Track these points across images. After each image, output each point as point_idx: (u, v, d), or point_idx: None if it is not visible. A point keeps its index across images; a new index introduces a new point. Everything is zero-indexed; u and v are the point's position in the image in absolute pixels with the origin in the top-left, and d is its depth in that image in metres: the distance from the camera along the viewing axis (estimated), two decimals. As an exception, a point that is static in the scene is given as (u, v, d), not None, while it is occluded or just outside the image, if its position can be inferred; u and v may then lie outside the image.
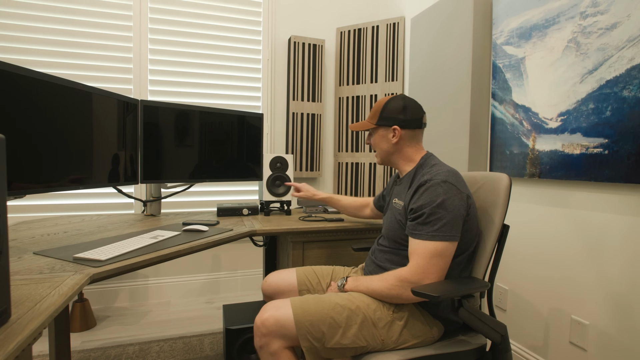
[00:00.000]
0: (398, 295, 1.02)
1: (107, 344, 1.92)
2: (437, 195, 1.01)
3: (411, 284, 0.99)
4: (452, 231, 1.00)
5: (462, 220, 1.03)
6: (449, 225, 1.00)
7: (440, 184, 1.02)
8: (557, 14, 1.47)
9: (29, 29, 2.17)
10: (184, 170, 1.73)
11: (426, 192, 1.03)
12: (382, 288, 1.04)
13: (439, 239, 0.99)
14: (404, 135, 1.18)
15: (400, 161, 1.21)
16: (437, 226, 1.00)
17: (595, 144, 1.32)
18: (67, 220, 1.59)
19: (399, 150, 1.20)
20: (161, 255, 1.06)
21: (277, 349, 1.00)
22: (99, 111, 1.37)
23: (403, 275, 1.01)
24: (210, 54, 2.55)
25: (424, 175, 1.08)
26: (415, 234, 1.03)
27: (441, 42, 2.09)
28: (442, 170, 1.07)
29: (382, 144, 1.21)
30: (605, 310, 1.33)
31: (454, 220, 1.00)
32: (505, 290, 1.78)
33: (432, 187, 1.03)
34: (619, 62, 1.24)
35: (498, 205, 1.10)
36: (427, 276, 0.99)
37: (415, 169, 1.16)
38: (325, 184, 2.88)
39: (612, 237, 1.31)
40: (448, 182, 1.03)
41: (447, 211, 1.00)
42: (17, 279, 0.80)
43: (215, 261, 2.65)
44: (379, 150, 1.24)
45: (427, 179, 1.05)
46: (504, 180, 1.11)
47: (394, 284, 1.02)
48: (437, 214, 1.00)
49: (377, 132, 1.22)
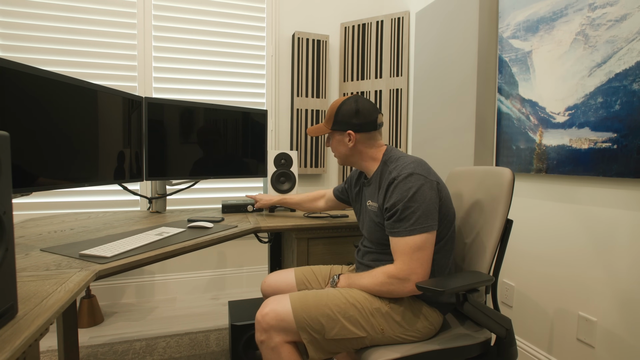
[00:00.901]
0: (389, 291, 1.03)
1: (114, 340, 1.94)
2: (407, 189, 1.02)
3: (400, 281, 1.01)
4: (428, 221, 1.01)
5: (437, 208, 1.03)
6: (424, 217, 1.00)
7: (409, 177, 1.03)
8: (565, 6, 1.44)
9: (35, 27, 2.18)
10: (189, 167, 1.73)
11: (396, 188, 1.04)
12: (373, 285, 1.06)
13: (417, 232, 1.00)
14: (359, 139, 1.17)
15: (360, 162, 1.21)
16: (412, 220, 1.00)
17: (604, 139, 1.30)
18: (74, 217, 1.61)
19: (357, 153, 1.20)
20: (167, 252, 1.06)
21: (277, 343, 1.01)
22: (104, 109, 1.37)
23: (391, 272, 1.02)
24: (214, 50, 2.54)
25: (391, 172, 1.09)
26: (394, 232, 1.04)
27: (446, 37, 2.07)
28: (407, 163, 1.07)
29: (340, 147, 1.21)
30: (613, 307, 1.32)
31: (428, 211, 1.01)
32: (512, 287, 1.76)
33: (400, 182, 1.03)
34: (629, 55, 1.22)
35: (501, 199, 1.09)
36: (413, 271, 1.00)
37: (381, 167, 1.16)
38: (330, 180, 2.87)
39: (621, 233, 1.29)
40: (415, 174, 1.03)
41: (420, 202, 1.00)
42: (24, 276, 0.80)
43: (221, 258, 2.67)
44: (337, 154, 1.24)
45: (394, 176, 1.05)
46: (507, 175, 1.10)
47: (384, 281, 1.03)
48: (411, 208, 1.01)
49: (334, 136, 1.22)
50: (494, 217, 1.10)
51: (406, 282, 1.00)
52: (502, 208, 1.09)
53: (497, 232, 1.08)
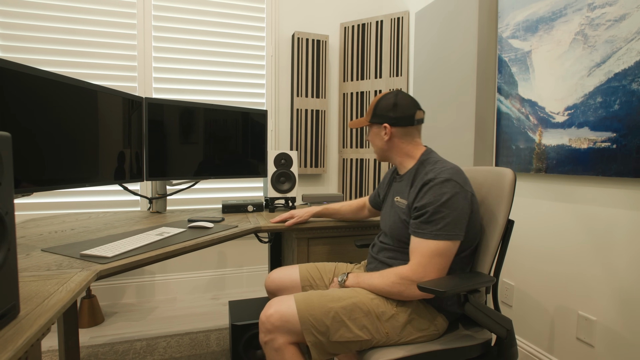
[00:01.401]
0: (399, 292, 1.02)
1: (115, 340, 1.94)
2: (441, 193, 1.01)
3: (412, 282, 1.00)
4: (455, 230, 1.00)
5: (466, 218, 1.02)
6: (452, 224, 0.99)
7: (445, 183, 1.01)
8: (564, 6, 1.44)
9: (34, 27, 2.18)
10: (189, 167, 1.73)
11: (430, 190, 1.02)
12: (383, 285, 1.05)
13: (442, 237, 0.99)
14: (395, 133, 1.17)
15: (396, 157, 1.21)
16: (440, 225, 0.99)
17: (603, 138, 1.31)
18: (74, 217, 1.61)
19: (393, 147, 1.19)
20: (167, 252, 1.07)
21: (281, 344, 1.01)
22: (104, 109, 1.37)
23: (404, 273, 1.02)
24: (214, 50, 2.55)
25: (427, 173, 1.07)
26: (418, 233, 1.03)
27: (446, 37, 2.07)
28: (445, 168, 1.06)
29: (376, 141, 1.22)
30: (612, 306, 1.32)
31: (457, 219, 1.00)
32: (512, 286, 1.77)
33: (436, 185, 1.02)
34: (628, 55, 1.22)
35: (502, 200, 1.09)
36: (427, 275, 0.99)
37: (417, 166, 1.15)
38: (330, 180, 2.88)
39: (620, 233, 1.29)
40: (453, 180, 1.02)
41: (451, 210, 1.00)
42: (26, 276, 0.81)
43: (221, 257, 2.67)
44: (374, 147, 1.25)
45: (431, 178, 1.04)
46: (509, 175, 1.10)
47: (395, 281, 1.02)
48: (441, 213, 0.99)
49: (372, 129, 1.23)
50: (496, 218, 1.10)
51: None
52: (504, 208, 1.09)
53: (499, 232, 1.08)
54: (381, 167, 2.66)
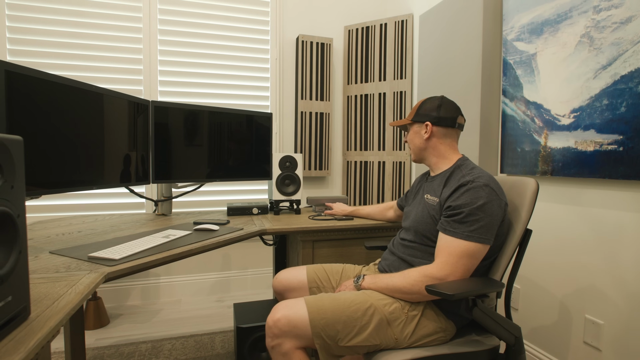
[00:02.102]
0: (420, 291, 1.02)
1: (120, 342, 1.95)
2: (478, 197, 1.01)
3: (436, 280, 1.00)
4: (487, 234, 1.01)
5: (498, 225, 1.03)
6: (485, 229, 1.00)
7: (483, 187, 1.03)
8: (570, 9, 1.44)
9: (41, 32, 2.20)
10: (194, 170, 1.74)
11: (467, 192, 1.03)
12: (405, 284, 1.04)
13: (474, 239, 0.99)
14: (435, 132, 1.20)
15: (432, 158, 1.22)
16: (474, 227, 1.00)
17: (610, 141, 1.30)
18: (81, 220, 1.62)
19: (431, 147, 1.21)
20: (173, 255, 1.07)
21: (289, 349, 1.01)
22: (110, 112, 1.39)
23: (429, 271, 1.02)
24: (219, 54, 2.56)
25: (464, 176, 1.09)
26: (449, 231, 1.03)
27: (450, 39, 2.07)
28: (483, 174, 1.07)
29: (415, 139, 1.24)
30: (620, 310, 1.31)
31: (490, 224, 1.01)
32: (518, 290, 1.76)
33: (474, 188, 1.03)
34: (634, 57, 1.22)
35: (523, 208, 1.10)
36: (453, 274, 0.99)
37: (453, 169, 1.16)
38: (334, 183, 2.88)
39: (628, 236, 1.28)
40: (490, 187, 1.03)
41: (486, 214, 1.00)
42: (35, 278, 0.81)
43: (226, 260, 2.67)
44: (412, 146, 1.26)
45: (469, 180, 1.05)
46: (531, 185, 1.11)
47: (418, 279, 1.02)
48: (476, 215, 1.00)
49: (412, 128, 1.25)
50: (514, 225, 1.11)
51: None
52: (524, 217, 1.09)
53: (516, 240, 1.09)
54: (385, 169, 2.66)
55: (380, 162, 2.68)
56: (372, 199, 2.73)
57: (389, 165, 2.64)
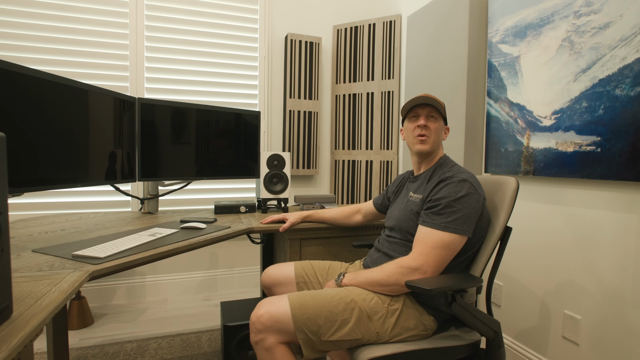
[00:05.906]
0: (396, 282, 1.04)
1: (104, 342, 1.92)
2: (457, 191, 1.05)
3: (411, 270, 1.03)
4: (464, 226, 1.03)
5: (476, 218, 1.06)
6: (462, 220, 1.03)
7: (462, 182, 1.07)
8: (552, 13, 1.48)
9: (25, 26, 2.15)
10: (181, 168, 1.73)
11: (447, 186, 1.08)
12: (382, 276, 1.07)
13: (450, 230, 1.03)
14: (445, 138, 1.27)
15: (433, 156, 1.25)
16: (450, 218, 1.03)
17: (589, 142, 1.34)
18: (65, 218, 1.59)
19: (438, 147, 1.25)
20: (159, 253, 1.07)
21: (272, 344, 1.02)
22: (95, 109, 1.37)
23: (404, 262, 1.05)
24: (207, 51, 2.54)
25: (445, 172, 1.14)
26: (427, 222, 1.06)
27: (437, 41, 2.10)
28: (463, 171, 1.12)
29: (439, 134, 1.24)
30: (597, 305, 1.36)
31: (467, 216, 1.04)
32: (500, 287, 1.80)
33: (453, 183, 1.07)
34: (612, 61, 1.26)
35: (503, 206, 1.13)
36: (426, 263, 1.02)
37: (434, 167, 1.21)
38: (322, 182, 2.89)
39: (604, 234, 1.33)
40: (469, 182, 1.07)
41: (464, 206, 1.04)
42: (17, 276, 0.80)
43: (213, 258, 2.66)
44: (434, 137, 1.21)
45: (449, 175, 1.10)
46: (512, 183, 1.14)
47: (394, 270, 1.05)
48: (453, 207, 1.04)
49: (440, 122, 1.23)
50: (494, 223, 1.13)
51: (415, 273, 1.02)
52: (504, 214, 1.12)
53: (495, 237, 1.11)
54: (373, 168, 2.68)
55: (368, 161, 2.70)
56: (359, 197, 2.75)
57: (376, 164, 2.67)
